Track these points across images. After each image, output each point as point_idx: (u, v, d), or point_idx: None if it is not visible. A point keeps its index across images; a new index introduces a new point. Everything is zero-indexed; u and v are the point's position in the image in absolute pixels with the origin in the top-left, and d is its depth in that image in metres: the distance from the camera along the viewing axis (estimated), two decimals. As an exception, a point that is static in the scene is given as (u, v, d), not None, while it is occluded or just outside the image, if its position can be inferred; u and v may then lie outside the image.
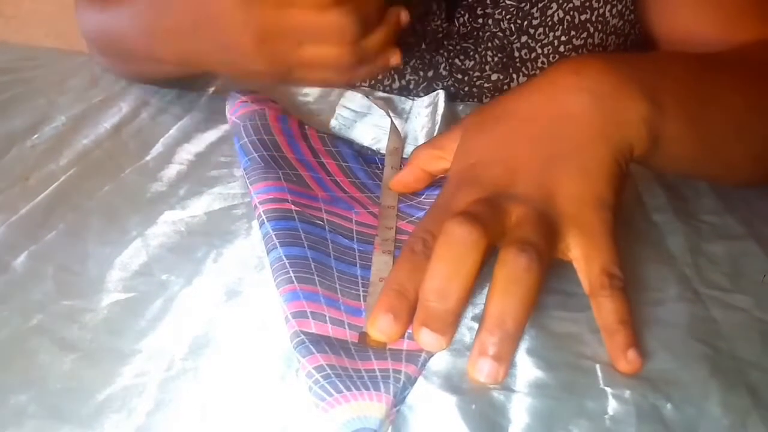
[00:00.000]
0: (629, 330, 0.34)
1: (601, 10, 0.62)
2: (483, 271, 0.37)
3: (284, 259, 0.39)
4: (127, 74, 0.63)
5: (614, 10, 0.62)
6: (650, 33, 0.62)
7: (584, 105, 0.37)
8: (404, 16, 0.46)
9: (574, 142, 0.37)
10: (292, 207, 0.43)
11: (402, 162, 0.51)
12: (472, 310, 0.37)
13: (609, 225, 0.35)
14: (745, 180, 0.48)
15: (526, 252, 0.32)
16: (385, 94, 0.62)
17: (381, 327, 0.34)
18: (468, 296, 0.33)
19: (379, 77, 0.69)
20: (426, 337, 0.33)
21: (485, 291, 0.33)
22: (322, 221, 0.43)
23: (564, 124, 0.37)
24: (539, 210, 0.35)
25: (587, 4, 0.61)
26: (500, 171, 0.37)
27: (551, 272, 0.38)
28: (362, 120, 0.57)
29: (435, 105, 0.59)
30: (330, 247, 0.41)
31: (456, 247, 0.32)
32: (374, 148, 0.53)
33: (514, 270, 0.32)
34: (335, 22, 0.41)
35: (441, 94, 0.60)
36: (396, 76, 0.69)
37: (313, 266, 0.39)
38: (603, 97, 0.37)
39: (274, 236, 0.40)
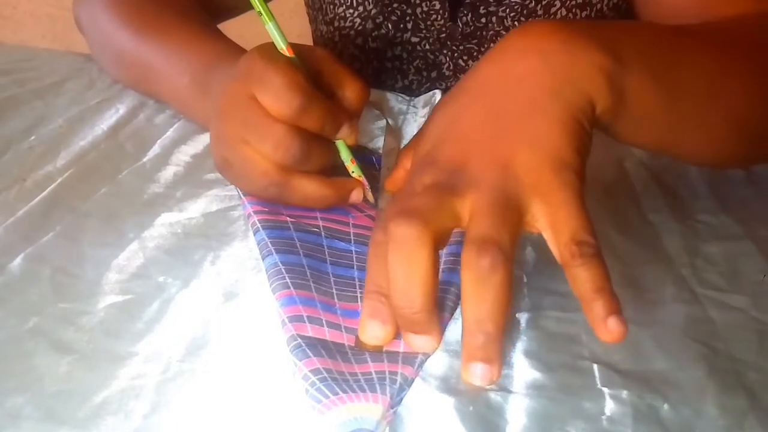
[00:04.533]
0: (607, 297, 0.31)
1: (599, 6, 0.62)
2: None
3: (280, 264, 0.39)
4: (129, 86, 0.63)
5: (610, 4, 0.62)
6: (638, 15, 0.62)
7: (532, 65, 0.35)
8: (356, 195, 0.45)
9: (524, 105, 0.35)
10: (288, 219, 0.43)
11: (399, 163, 0.51)
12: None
13: (573, 188, 0.33)
14: (722, 155, 0.45)
15: (487, 251, 0.31)
16: (381, 92, 0.62)
17: (371, 333, 0.34)
18: (434, 289, 0.32)
19: (382, 77, 0.69)
20: (415, 341, 0.33)
21: None
22: (318, 228, 0.43)
23: (513, 89, 0.35)
24: (496, 187, 0.33)
25: (587, 0, 0.61)
26: (454, 150, 0.35)
27: (547, 273, 0.38)
28: (360, 118, 0.57)
29: (432, 105, 0.59)
30: (326, 253, 0.41)
31: (402, 248, 0.32)
32: (371, 147, 0.53)
33: (478, 273, 0.31)
34: (278, 134, 0.40)
35: (438, 94, 0.59)
36: (399, 76, 0.69)
37: (308, 273, 0.39)
38: (552, 54, 0.35)
39: (269, 243, 0.40)
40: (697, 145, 0.43)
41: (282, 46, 0.42)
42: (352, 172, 0.45)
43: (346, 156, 0.45)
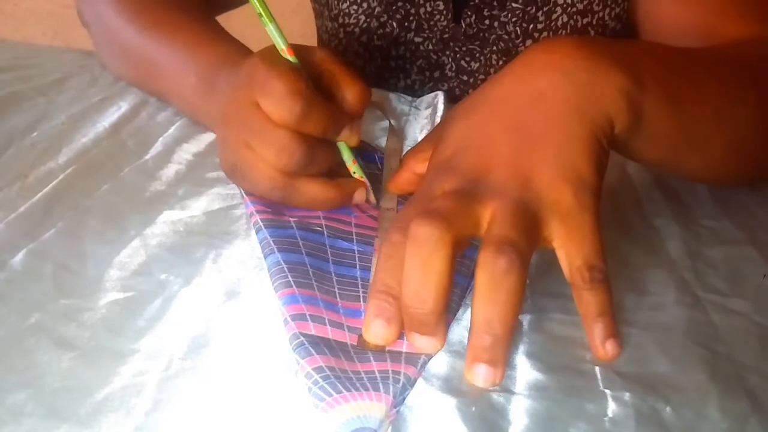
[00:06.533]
0: (608, 321, 0.34)
1: (601, 14, 0.62)
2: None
3: (282, 263, 0.38)
4: (132, 83, 0.62)
5: (612, 13, 0.62)
6: (637, 29, 0.62)
7: (555, 82, 0.36)
8: (359, 195, 0.45)
9: (547, 121, 0.35)
10: (290, 219, 0.43)
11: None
12: (469, 311, 0.37)
13: (591, 211, 0.34)
14: (723, 175, 0.48)
15: (505, 253, 0.31)
16: (383, 92, 0.62)
17: (375, 332, 0.34)
18: (447, 293, 0.32)
19: (385, 75, 0.69)
20: (418, 341, 0.33)
21: None
22: (321, 228, 0.43)
23: (536, 104, 0.36)
24: (517, 199, 0.33)
25: (589, 7, 0.62)
26: (476, 159, 0.36)
27: (551, 275, 0.38)
28: (362, 118, 0.57)
29: (434, 107, 0.59)
30: (328, 252, 0.41)
31: (422, 248, 0.32)
32: (374, 144, 0.53)
33: (494, 273, 0.31)
34: (281, 140, 0.40)
35: (440, 96, 0.60)
36: (401, 75, 0.69)
37: (311, 272, 0.39)
38: (575, 72, 0.36)
39: (271, 241, 0.40)
40: (697, 165, 0.45)
41: (282, 47, 0.42)
42: (354, 172, 0.45)
43: (348, 157, 0.45)
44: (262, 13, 0.42)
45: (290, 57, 0.42)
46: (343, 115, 0.43)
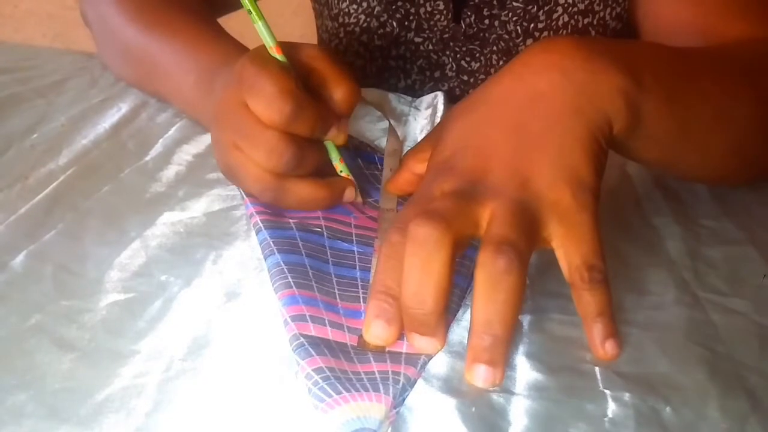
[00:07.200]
0: (607, 321, 0.34)
1: (602, 14, 0.62)
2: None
3: (282, 264, 0.39)
4: (133, 83, 0.62)
5: (614, 13, 0.63)
6: (637, 29, 0.62)
7: (554, 82, 0.36)
8: (349, 194, 0.45)
9: (546, 121, 0.35)
10: (290, 221, 0.43)
11: (401, 164, 0.51)
12: (469, 311, 0.37)
13: (590, 211, 0.34)
14: (721, 175, 0.48)
15: (504, 253, 0.31)
16: (383, 92, 0.62)
17: (375, 333, 0.34)
18: (447, 293, 0.32)
19: (385, 75, 0.69)
20: (418, 342, 0.33)
21: None
22: (321, 228, 0.43)
23: (535, 104, 0.36)
24: (516, 199, 0.34)
25: (590, 7, 0.62)
26: (475, 159, 0.36)
27: (551, 275, 0.38)
28: (362, 119, 0.57)
29: (434, 107, 0.59)
30: (328, 253, 0.41)
31: (422, 249, 0.32)
32: (373, 144, 0.53)
33: (493, 273, 0.31)
34: (269, 142, 0.40)
35: (440, 96, 0.60)
36: (402, 75, 0.69)
37: (311, 273, 0.39)
38: (573, 72, 0.36)
39: (271, 243, 0.40)
40: (697, 165, 0.45)
41: (271, 45, 0.42)
42: (341, 171, 0.46)
43: (335, 156, 0.45)
44: (252, 10, 0.41)
45: (278, 55, 0.42)
46: (331, 114, 0.43)
